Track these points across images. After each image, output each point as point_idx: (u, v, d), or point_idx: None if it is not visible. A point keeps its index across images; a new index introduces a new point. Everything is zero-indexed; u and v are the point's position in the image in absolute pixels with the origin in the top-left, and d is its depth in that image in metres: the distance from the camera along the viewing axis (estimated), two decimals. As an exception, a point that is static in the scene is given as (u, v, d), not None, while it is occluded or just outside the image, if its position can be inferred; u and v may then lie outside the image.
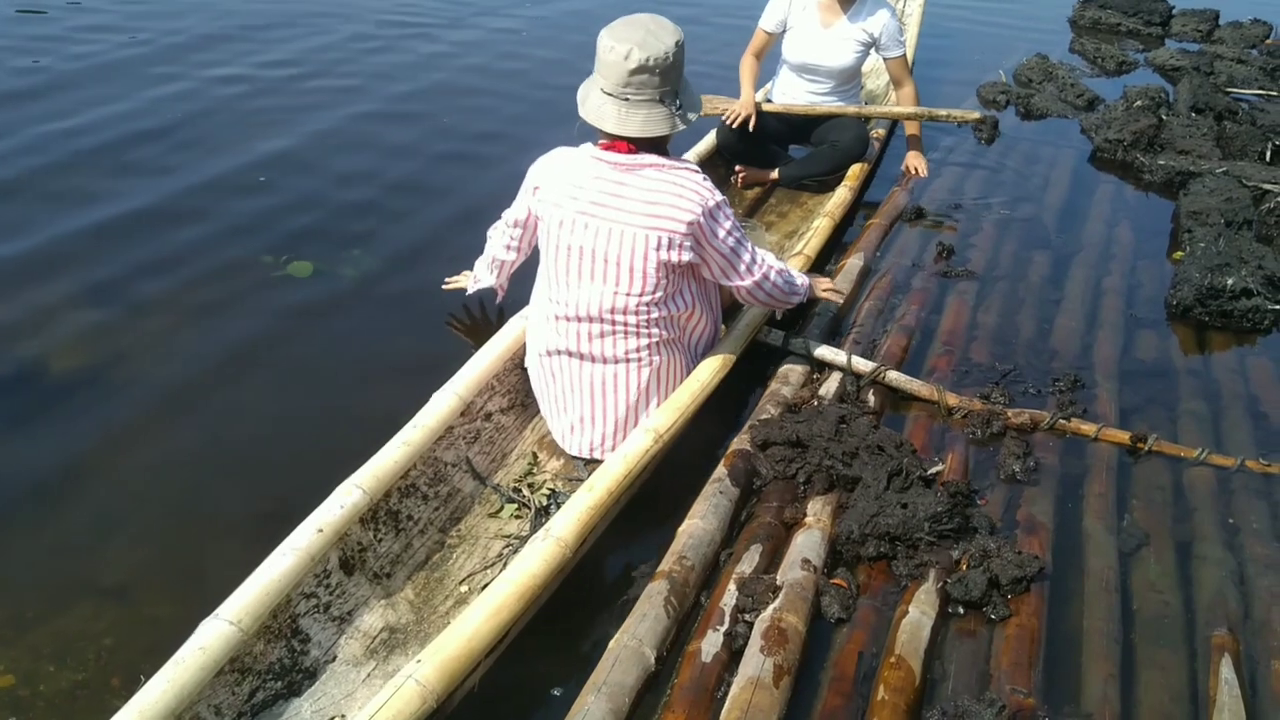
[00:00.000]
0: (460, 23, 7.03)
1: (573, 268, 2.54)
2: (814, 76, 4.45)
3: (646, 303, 2.54)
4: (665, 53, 2.39)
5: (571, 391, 2.68)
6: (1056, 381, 3.13)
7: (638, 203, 2.45)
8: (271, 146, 4.70)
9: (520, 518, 2.58)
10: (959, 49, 6.96)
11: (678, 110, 2.47)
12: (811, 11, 4.33)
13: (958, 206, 4.39)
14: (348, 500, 2.22)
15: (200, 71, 5.63)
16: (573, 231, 2.51)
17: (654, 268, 2.49)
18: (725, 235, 2.53)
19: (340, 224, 4.02)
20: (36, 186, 4.17)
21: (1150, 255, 4.09)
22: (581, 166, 2.52)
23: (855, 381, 3.03)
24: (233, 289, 3.53)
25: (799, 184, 4.50)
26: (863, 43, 4.34)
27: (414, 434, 2.46)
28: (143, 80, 5.43)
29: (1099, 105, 5.68)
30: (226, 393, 3.02)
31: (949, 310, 3.56)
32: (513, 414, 2.88)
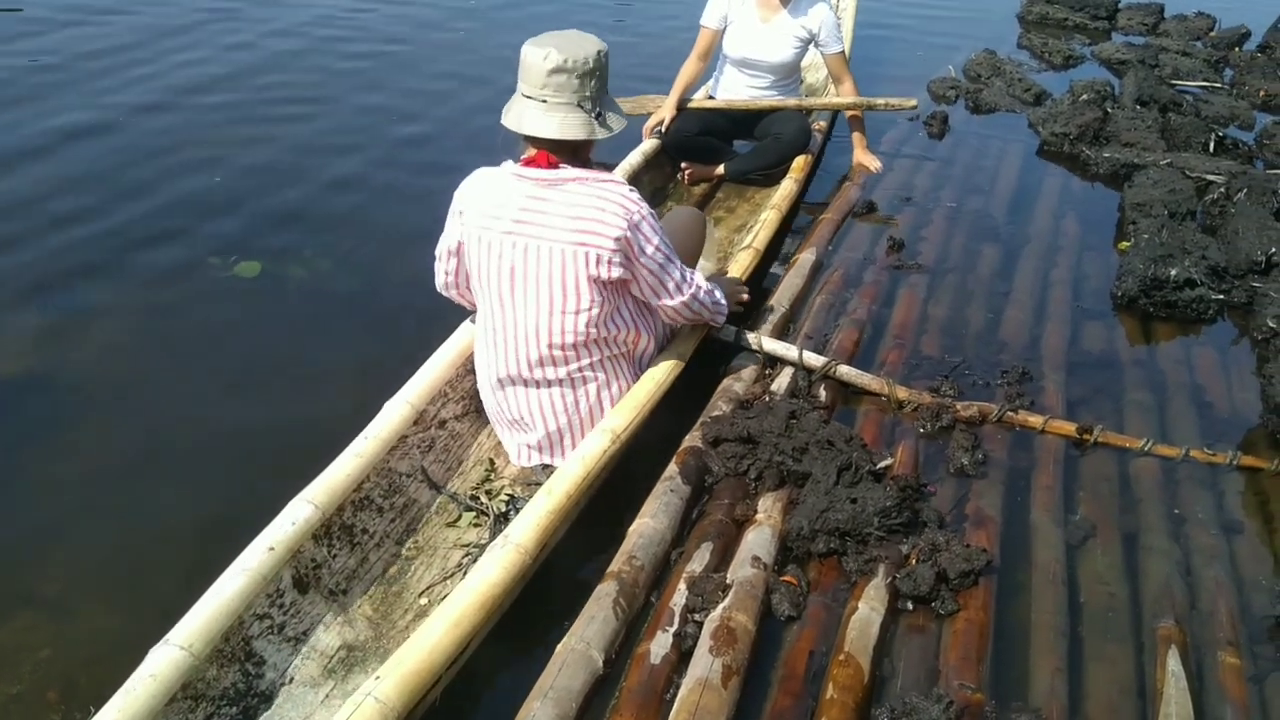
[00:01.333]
0: (401, 26, 6.95)
1: (504, 290, 2.50)
2: (754, 71, 4.48)
3: (585, 322, 2.50)
4: (585, 57, 2.37)
5: (524, 417, 2.65)
6: (1005, 374, 3.14)
7: (562, 219, 2.41)
8: (219, 148, 4.64)
9: (479, 525, 2.54)
10: (909, 44, 7.01)
11: (596, 117, 2.43)
12: (751, 7, 4.36)
13: (908, 200, 4.40)
14: (299, 516, 2.18)
15: (150, 71, 5.55)
16: (500, 254, 2.48)
17: (585, 285, 2.45)
18: (654, 251, 2.49)
19: (290, 223, 3.97)
20: None
21: (1097, 247, 4.13)
22: (503, 185, 2.48)
23: (807, 376, 3.03)
24: (179, 291, 3.48)
25: (745, 178, 4.53)
26: (801, 38, 4.38)
27: (366, 445, 2.41)
28: (91, 79, 5.35)
29: (1046, 99, 5.74)
30: (172, 399, 2.97)
31: (900, 303, 3.57)
32: (467, 420, 2.84)
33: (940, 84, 5.99)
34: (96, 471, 2.69)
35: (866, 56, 6.56)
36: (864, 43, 6.89)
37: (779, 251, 3.92)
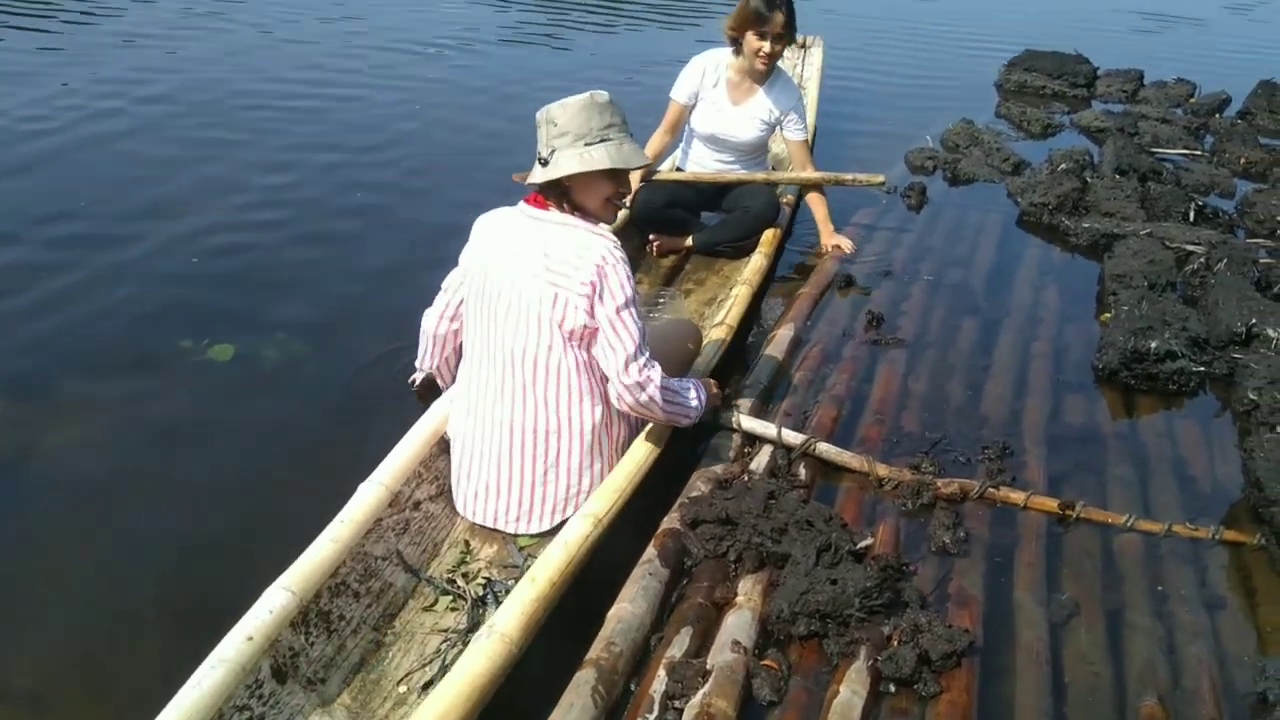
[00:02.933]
0: (371, 98, 7.03)
1: (491, 312, 2.60)
2: (721, 148, 4.56)
3: (556, 360, 2.56)
4: (540, 119, 2.56)
5: (482, 456, 2.67)
6: (986, 449, 3.14)
7: (541, 255, 2.54)
8: (192, 225, 4.66)
9: (456, 610, 2.50)
10: (886, 115, 7.10)
11: (542, 163, 2.56)
12: (721, 88, 4.43)
13: (887, 273, 4.43)
14: (276, 603, 2.16)
15: (114, 150, 5.60)
16: (490, 279, 2.60)
17: (556, 322, 2.53)
18: (616, 309, 2.52)
19: (264, 304, 3.97)
20: None
21: (1077, 318, 4.15)
22: (510, 220, 2.65)
23: (786, 454, 3.03)
24: (151, 375, 3.46)
25: (714, 250, 4.56)
26: (768, 122, 4.47)
27: (341, 529, 2.40)
28: (56, 159, 5.39)
29: (1025, 169, 5.80)
30: (144, 486, 2.94)
31: (880, 379, 3.57)
32: (442, 500, 2.82)
33: (918, 154, 6.06)
34: (69, 561, 2.66)
35: (843, 127, 6.69)
36: (841, 113, 7.03)
37: (751, 326, 3.93)
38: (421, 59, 7.67)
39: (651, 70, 6.27)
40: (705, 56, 4.48)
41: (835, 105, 7.17)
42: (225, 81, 7.02)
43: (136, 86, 6.72)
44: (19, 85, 6.65)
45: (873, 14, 10.53)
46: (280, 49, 7.87)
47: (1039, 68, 7.86)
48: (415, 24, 8.82)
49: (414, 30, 8.51)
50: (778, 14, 4.12)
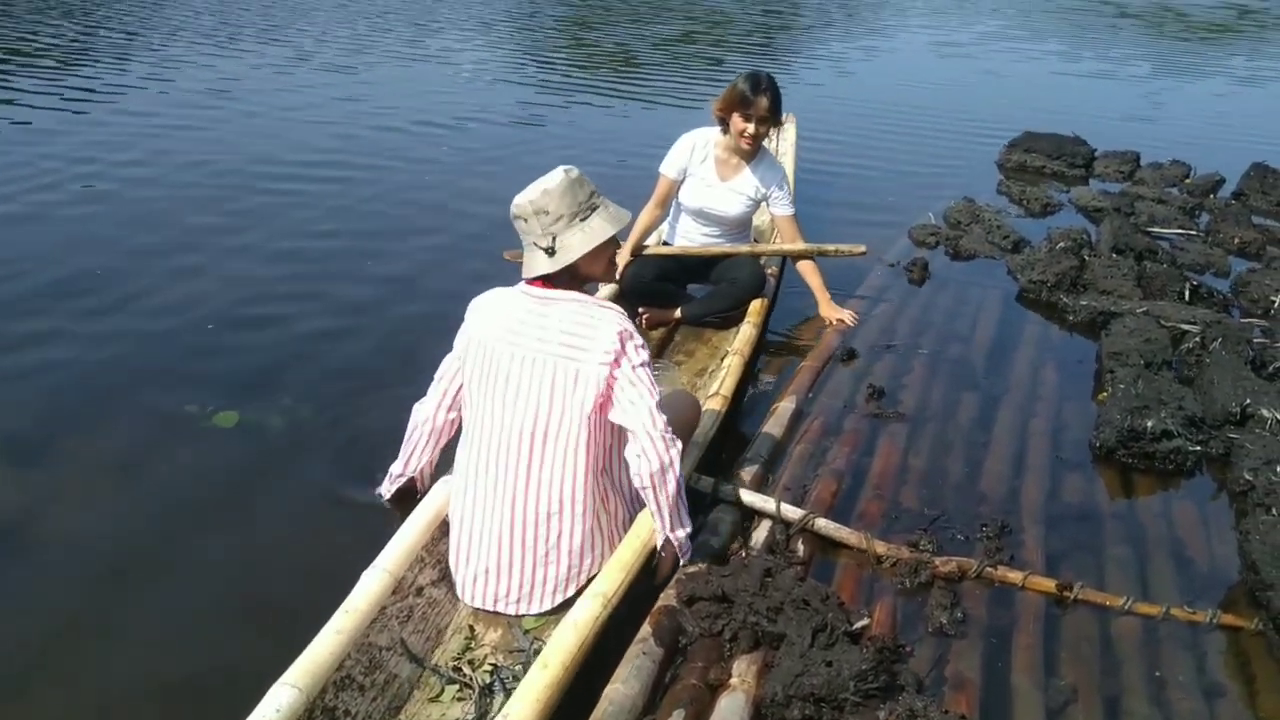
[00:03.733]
0: (380, 166, 7.13)
1: (496, 393, 2.59)
2: (708, 222, 4.67)
3: (564, 436, 2.55)
4: (526, 201, 2.57)
5: (482, 538, 2.64)
6: (984, 527, 3.14)
7: (556, 332, 2.56)
8: (201, 291, 4.70)
9: (463, 699, 2.44)
10: (890, 191, 7.17)
11: (548, 251, 2.57)
12: (709, 164, 4.57)
13: (889, 347, 4.46)
14: (283, 702, 2.10)
15: (123, 217, 5.69)
16: (493, 359, 2.60)
17: (573, 396, 2.53)
18: (635, 369, 2.55)
19: (273, 373, 3.97)
20: None
21: (1075, 396, 4.16)
22: (509, 299, 2.66)
23: (785, 529, 3.03)
24: (154, 443, 3.46)
25: (702, 321, 4.63)
26: (753, 198, 4.59)
27: (346, 620, 2.35)
28: (61, 225, 5.47)
29: (1025, 246, 5.84)
30: (142, 562, 2.92)
31: (879, 453, 3.58)
32: (444, 585, 2.75)
33: (921, 230, 6.12)
34: (61, 638, 2.61)
35: (849, 201, 6.79)
36: (847, 188, 7.13)
37: (744, 395, 3.96)
38: (429, 140, 7.74)
39: (646, 150, 6.31)
40: (695, 134, 4.61)
41: (841, 180, 7.31)
42: (237, 158, 7.10)
43: (146, 160, 6.84)
44: (40, 149, 6.79)
45: (879, 94, 10.69)
46: (294, 128, 7.97)
47: (1038, 148, 7.96)
48: (424, 105, 8.96)
49: (423, 111, 8.62)
50: (762, 98, 4.28)
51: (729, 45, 13.11)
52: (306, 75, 9.91)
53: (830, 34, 14.79)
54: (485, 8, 15.47)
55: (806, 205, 6.34)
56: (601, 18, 14.99)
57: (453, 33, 13.09)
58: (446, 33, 13.05)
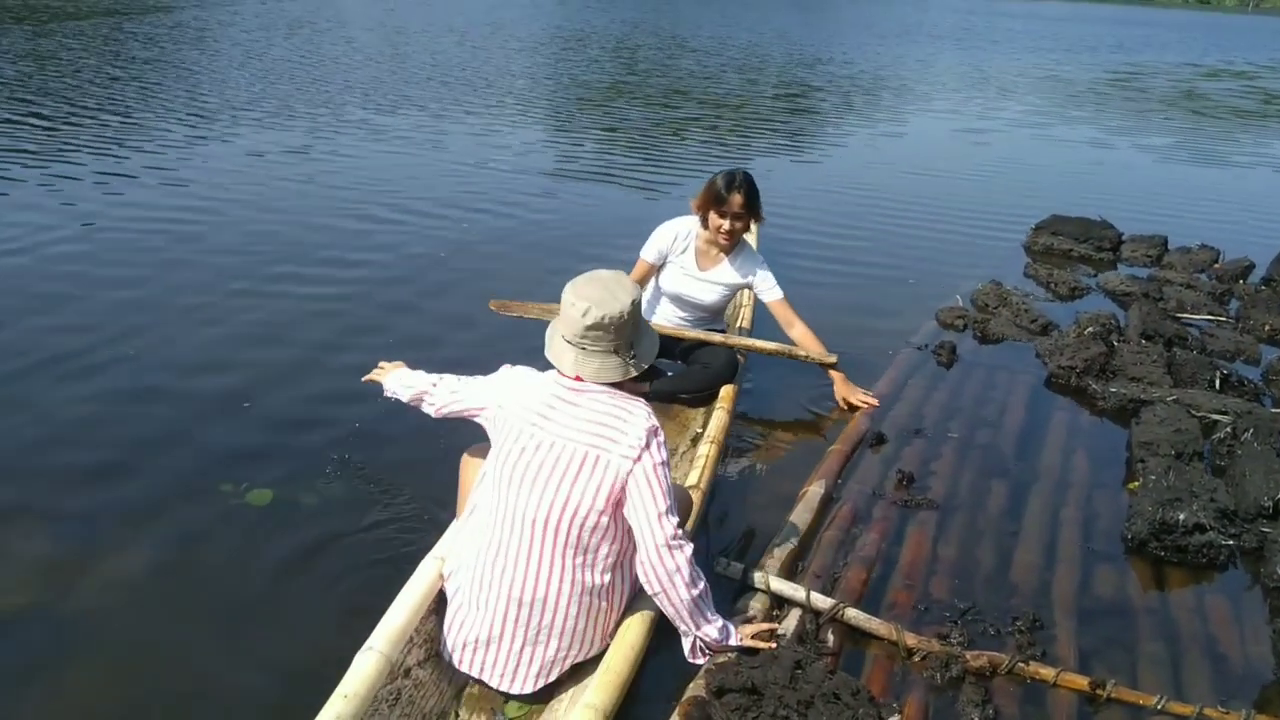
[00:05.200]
0: (415, 225, 7.27)
1: (516, 474, 2.61)
2: (685, 308, 4.84)
3: (576, 526, 2.56)
4: (620, 311, 2.58)
5: (477, 610, 2.66)
6: (1016, 620, 3.13)
7: (584, 422, 2.60)
8: (240, 364, 4.78)
9: None
10: (917, 273, 7.22)
11: (631, 359, 2.66)
12: (690, 254, 4.74)
13: (918, 432, 4.47)
14: None
15: (161, 283, 5.82)
16: (518, 439, 2.63)
17: (585, 487, 2.55)
18: (656, 468, 2.57)
19: (308, 450, 4.00)
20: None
21: (1106, 485, 4.15)
22: (540, 382, 2.70)
23: (815, 619, 3.02)
24: (188, 520, 3.51)
25: (674, 398, 4.70)
26: (734, 287, 4.77)
27: (345, 706, 2.30)
28: (97, 288, 5.62)
29: (1053, 330, 5.86)
30: (167, 642, 2.94)
31: (909, 541, 3.58)
32: (429, 666, 2.72)
33: (948, 313, 6.15)
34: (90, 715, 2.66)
35: (872, 283, 6.85)
36: (874, 266, 7.20)
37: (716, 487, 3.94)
38: (454, 221, 7.86)
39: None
40: (677, 222, 4.77)
41: (865, 262, 7.36)
42: (275, 223, 7.29)
43: (173, 227, 7.02)
44: (68, 215, 6.99)
45: (902, 177, 10.80)
46: (326, 197, 8.16)
47: (1065, 231, 7.99)
48: (444, 186, 9.13)
49: (443, 193, 8.78)
50: (736, 194, 4.45)
51: (751, 129, 13.27)
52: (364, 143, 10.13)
53: (852, 118, 14.93)
54: (491, 83, 15.79)
55: (829, 290, 6.48)
56: (619, 97, 15.22)
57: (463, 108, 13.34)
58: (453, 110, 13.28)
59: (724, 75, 19.02)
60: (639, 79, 17.57)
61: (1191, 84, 22.39)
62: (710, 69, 20.01)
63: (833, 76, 20.12)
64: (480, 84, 15.53)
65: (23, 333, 4.98)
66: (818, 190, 9.64)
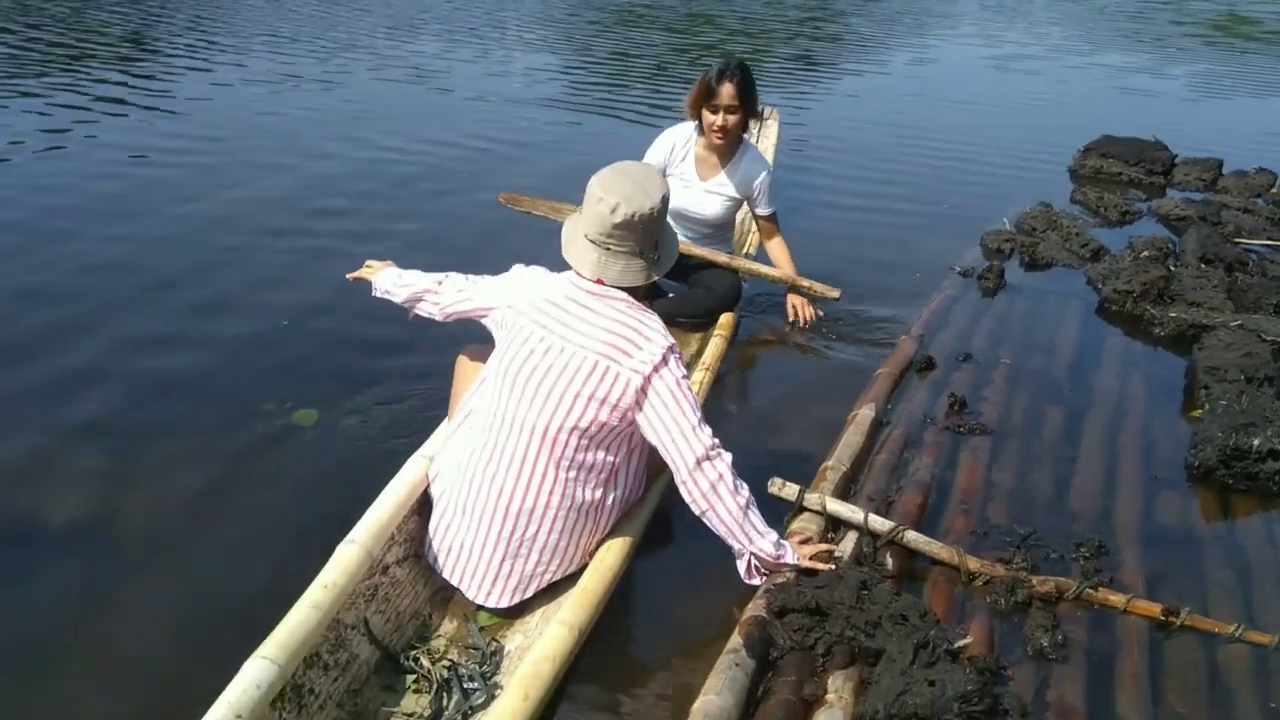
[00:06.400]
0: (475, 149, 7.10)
1: (521, 379, 2.52)
2: (688, 223, 4.59)
3: (579, 435, 2.50)
4: (651, 208, 2.47)
5: (463, 515, 2.60)
6: (1079, 546, 3.01)
7: (598, 329, 2.49)
8: (284, 291, 4.70)
9: (419, 691, 2.42)
10: (960, 196, 7.02)
11: (655, 261, 2.57)
12: (689, 162, 4.49)
13: (967, 357, 4.32)
14: (262, 677, 2.05)
15: (218, 210, 5.73)
16: (525, 342, 2.53)
17: (590, 398, 2.47)
18: (677, 384, 2.48)
19: (350, 372, 3.92)
20: (35, 320, 4.20)
21: (1165, 411, 4.02)
22: (556, 286, 2.58)
23: (872, 542, 2.92)
24: (233, 437, 3.47)
25: (672, 321, 4.48)
26: (734, 198, 4.51)
27: (324, 596, 2.30)
28: (156, 211, 5.55)
29: (1104, 255, 5.67)
30: (212, 555, 2.92)
31: (963, 467, 3.46)
32: (408, 565, 2.69)
33: (994, 237, 5.96)
34: (138, 624, 2.63)
35: (913, 207, 6.67)
36: (915, 193, 6.99)
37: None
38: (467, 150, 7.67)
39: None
40: (676, 130, 4.54)
41: (906, 186, 7.16)
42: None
43: (200, 159, 6.91)
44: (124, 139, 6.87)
45: (933, 103, 10.53)
46: (377, 123, 8.00)
47: (1115, 153, 7.73)
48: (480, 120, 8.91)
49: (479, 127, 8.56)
50: (726, 85, 4.17)
51: (776, 57, 12.90)
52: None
53: (882, 46, 14.46)
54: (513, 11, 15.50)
55: (869, 219, 6.30)
56: (638, 24, 14.81)
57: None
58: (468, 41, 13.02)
59: (745, 2, 18.53)
60: (654, 2, 17.15)
61: (1233, 6, 21.68)
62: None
63: (858, 2, 19.61)
64: (493, 10, 15.15)
65: (63, 258, 4.92)
66: (851, 120, 9.33)
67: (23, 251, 4.94)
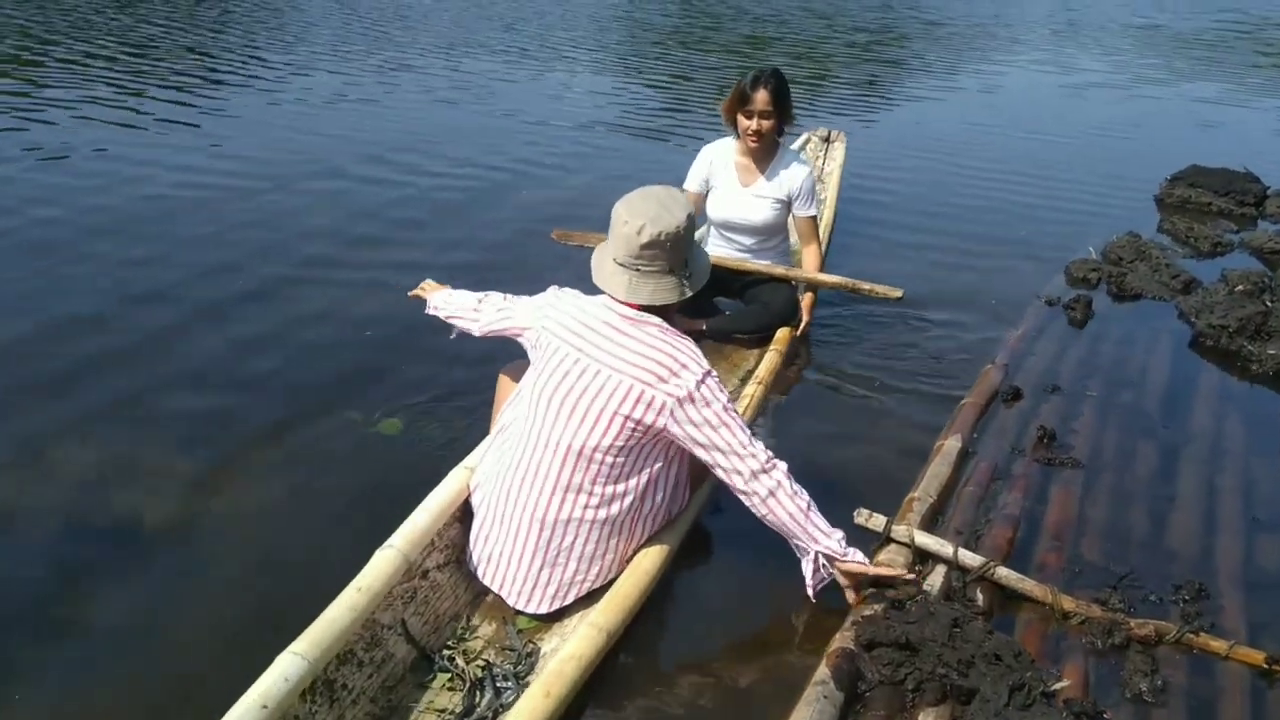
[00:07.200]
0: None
1: (556, 397, 2.56)
2: (737, 234, 4.60)
3: (611, 455, 2.53)
4: (676, 227, 2.51)
5: (501, 524, 2.64)
6: (1179, 589, 2.92)
7: (633, 353, 2.52)
8: (370, 300, 4.78)
9: (453, 689, 2.46)
10: (1039, 224, 6.89)
11: (686, 279, 2.60)
12: (730, 171, 4.51)
13: (1055, 389, 4.23)
14: (291, 671, 2.12)
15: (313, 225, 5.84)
16: (560, 363, 2.58)
17: (625, 420, 2.49)
18: (724, 409, 2.50)
19: (434, 380, 3.97)
20: (129, 333, 4.29)
21: (1265, 452, 3.87)
22: (591, 308, 2.63)
23: (961, 577, 2.86)
24: (320, 444, 3.54)
25: (729, 337, 4.54)
26: (779, 200, 4.50)
27: (359, 598, 2.37)
28: (231, 226, 5.66)
29: (1196, 287, 5.51)
30: (296, 557, 2.97)
31: (1054, 501, 3.38)
32: (448, 570, 2.76)
33: (1080, 266, 5.83)
34: (221, 626, 2.67)
35: (995, 234, 6.57)
36: (992, 220, 6.90)
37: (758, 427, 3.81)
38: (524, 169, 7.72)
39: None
40: (713, 145, 4.60)
41: (987, 212, 7.07)
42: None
43: (284, 170, 7.08)
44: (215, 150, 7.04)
45: (1012, 120, 10.40)
46: (472, 137, 8.14)
47: (1203, 183, 7.54)
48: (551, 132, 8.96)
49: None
50: (760, 91, 4.23)
51: (836, 81, 12.79)
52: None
53: (946, 70, 14.21)
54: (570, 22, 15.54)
55: (947, 244, 6.23)
56: (698, 47, 14.76)
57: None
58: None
59: (803, 21, 18.37)
60: (712, 24, 17.09)
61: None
62: (788, 12, 19.41)
63: (920, 23, 19.39)
64: (551, 29, 15.22)
65: (162, 268, 5.05)
66: (919, 145, 9.20)
67: (131, 262, 5.08)
